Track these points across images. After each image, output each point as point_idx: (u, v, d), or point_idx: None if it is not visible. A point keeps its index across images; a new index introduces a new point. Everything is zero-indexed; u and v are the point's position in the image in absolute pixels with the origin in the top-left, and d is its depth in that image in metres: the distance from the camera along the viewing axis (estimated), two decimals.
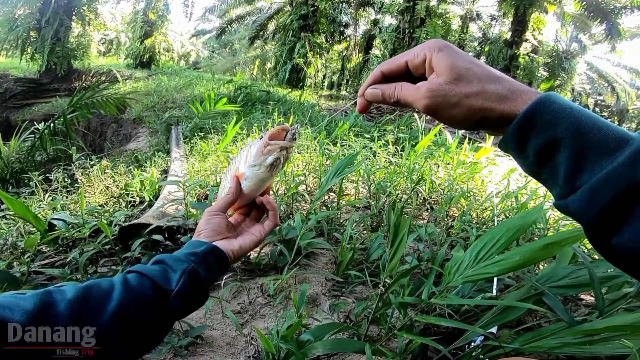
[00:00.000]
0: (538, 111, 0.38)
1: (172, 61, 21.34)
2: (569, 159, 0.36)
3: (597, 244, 0.38)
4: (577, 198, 0.36)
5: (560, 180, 0.38)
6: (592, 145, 0.36)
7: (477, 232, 1.77)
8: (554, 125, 0.37)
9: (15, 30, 12.01)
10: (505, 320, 1.12)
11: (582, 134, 0.36)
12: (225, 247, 0.68)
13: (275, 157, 0.66)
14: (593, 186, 0.35)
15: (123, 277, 0.57)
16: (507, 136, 0.40)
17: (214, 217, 0.71)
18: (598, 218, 0.35)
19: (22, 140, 4.40)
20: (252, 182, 0.70)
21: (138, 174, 2.73)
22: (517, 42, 13.16)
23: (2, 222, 2.36)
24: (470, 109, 0.41)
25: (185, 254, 0.64)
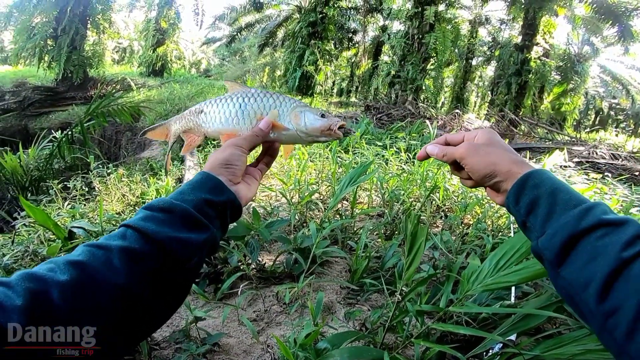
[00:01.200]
0: (530, 177, 0.56)
1: (183, 69, 21.69)
2: (545, 210, 0.53)
3: (552, 275, 0.51)
4: (544, 238, 0.52)
5: (538, 225, 0.53)
6: (560, 202, 0.52)
7: (493, 240, 1.76)
8: (538, 188, 0.55)
9: (33, 38, 12.28)
10: (524, 328, 1.12)
11: (555, 195, 0.53)
12: (244, 195, 0.63)
13: (326, 140, 0.73)
14: (554, 229, 0.50)
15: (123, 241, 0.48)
16: (511, 191, 0.58)
17: (243, 154, 0.65)
18: (555, 252, 0.50)
19: (40, 149, 4.52)
20: (286, 139, 0.73)
21: (154, 183, 2.78)
22: (528, 46, 13.05)
23: (23, 230, 2.42)
24: (488, 161, 0.61)
25: (201, 204, 0.55)
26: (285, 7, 17.90)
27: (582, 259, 0.47)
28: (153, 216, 0.52)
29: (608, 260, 0.45)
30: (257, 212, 1.72)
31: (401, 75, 12.74)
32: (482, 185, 0.65)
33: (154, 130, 0.87)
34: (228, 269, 1.71)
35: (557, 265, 0.50)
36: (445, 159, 0.66)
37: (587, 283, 0.46)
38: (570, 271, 0.48)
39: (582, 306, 0.48)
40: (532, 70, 13.09)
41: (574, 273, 0.48)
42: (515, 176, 0.58)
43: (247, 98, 0.74)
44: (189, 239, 0.51)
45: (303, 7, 15.94)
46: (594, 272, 0.45)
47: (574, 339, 0.99)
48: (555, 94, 15.88)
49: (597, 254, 0.46)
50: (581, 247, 0.48)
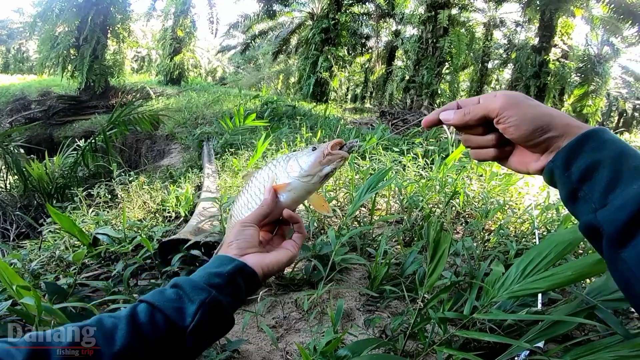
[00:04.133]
0: (591, 137, 0.47)
1: (200, 77, 22.07)
2: (607, 177, 0.44)
3: (609, 256, 0.44)
4: (607, 210, 0.43)
5: (596, 195, 0.44)
6: (628, 168, 0.44)
7: (517, 246, 1.72)
8: (599, 151, 0.46)
9: (56, 48, 12.65)
10: (552, 335, 1.09)
11: (622, 159, 0.44)
12: (258, 262, 0.62)
13: (332, 168, 0.67)
14: (623, 200, 0.42)
15: (131, 311, 0.51)
16: (560, 154, 0.48)
17: (247, 228, 0.65)
18: (620, 228, 0.41)
19: (65, 157, 4.66)
20: (297, 194, 0.69)
21: (174, 190, 2.83)
22: (546, 47, 12.82)
23: (49, 236, 2.50)
24: (542, 113, 0.50)
25: (208, 275, 0.57)
26: (298, 14, 18.09)
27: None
28: (162, 291, 0.54)
29: None
30: None
31: (416, 80, 12.66)
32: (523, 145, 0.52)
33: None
34: None
35: (618, 245, 0.42)
36: (468, 117, 0.54)
37: None
38: (635, 254, 0.40)
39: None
40: (551, 72, 12.84)
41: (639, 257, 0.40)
42: (573, 133, 0.48)
43: (252, 181, 0.74)
44: (186, 305, 0.52)
45: (315, 14, 16.08)
46: None
47: (606, 345, 0.95)
48: (576, 96, 15.50)
49: None
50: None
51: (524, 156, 0.53)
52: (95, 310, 1.39)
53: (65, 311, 1.31)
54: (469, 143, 0.58)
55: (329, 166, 0.67)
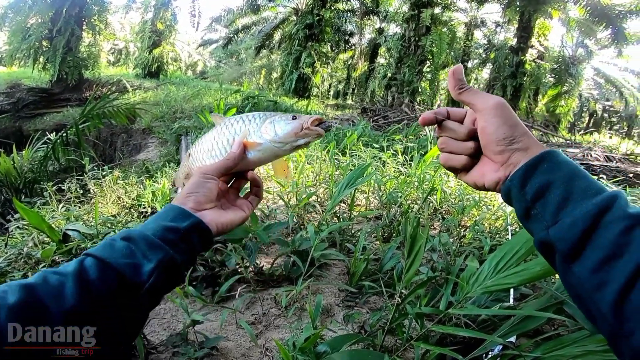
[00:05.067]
0: (545, 158, 0.50)
1: (179, 71, 21.61)
2: (559, 197, 0.47)
3: (561, 270, 0.46)
4: (558, 227, 0.46)
5: (548, 213, 0.47)
6: (578, 189, 0.47)
7: (490, 242, 1.76)
8: (553, 172, 0.49)
9: (28, 39, 12.23)
10: (524, 330, 1.12)
11: (573, 180, 0.48)
12: (214, 220, 0.60)
13: (306, 141, 0.68)
14: (574, 217, 0.45)
15: (78, 267, 0.48)
16: (517, 173, 0.51)
17: (208, 180, 0.63)
18: (571, 244, 0.44)
19: (34, 150, 4.47)
20: (264, 155, 0.68)
21: (150, 185, 2.76)
22: (523, 48, 13.16)
23: (17, 232, 2.39)
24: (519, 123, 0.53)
25: (163, 230, 0.54)
26: (282, 9, 17.95)
27: (600, 256, 0.42)
28: (112, 244, 0.52)
29: (630, 262, 0.40)
30: (255, 215, 1.71)
31: (397, 78, 12.79)
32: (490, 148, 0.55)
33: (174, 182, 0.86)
34: (226, 272, 1.70)
35: (570, 260, 0.45)
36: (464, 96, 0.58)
37: (602, 284, 0.42)
38: (583, 268, 0.43)
39: (592, 307, 0.44)
40: (527, 72, 13.21)
41: (588, 271, 0.43)
42: (532, 151, 0.51)
43: (221, 128, 0.72)
44: (141, 262, 0.51)
45: (300, 10, 15.99)
46: (612, 273, 0.41)
47: (574, 340, 0.99)
48: (550, 96, 16.00)
49: (618, 252, 0.41)
50: (600, 241, 0.43)
51: (484, 166, 0.56)
52: None
53: None
54: (444, 146, 0.60)
55: (304, 139, 0.67)
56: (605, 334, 0.43)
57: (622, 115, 23.97)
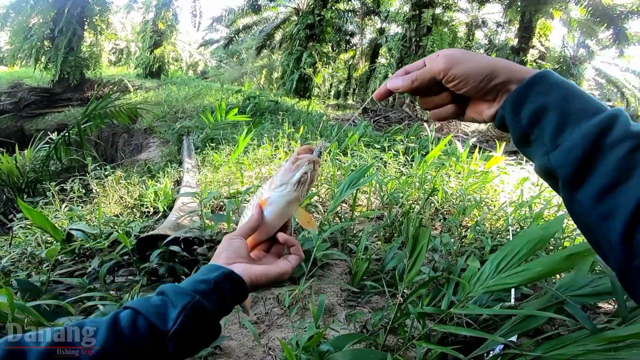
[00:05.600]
0: (537, 82, 0.46)
1: (180, 71, 21.63)
2: (555, 120, 0.44)
3: (566, 199, 0.44)
4: (558, 152, 0.43)
5: (546, 138, 0.44)
6: (575, 110, 0.44)
7: (492, 243, 1.77)
8: (546, 94, 0.46)
9: (30, 39, 12.24)
10: (525, 329, 1.12)
11: (569, 101, 0.44)
12: (245, 270, 0.60)
13: (303, 172, 0.66)
14: (572, 141, 0.42)
15: (113, 316, 0.51)
16: (508, 100, 0.48)
17: (234, 239, 0.66)
18: (572, 170, 0.42)
19: (37, 150, 4.48)
20: (277, 207, 0.68)
21: (152, 185, 2.77)
22: (524, 48, 13.14)
23: (20, 232, 2.40)
24: (484, 63, 0.49)
25: (194, 282, 0.56)
26: (283, 9, 17.95)
27: (606, 181, 0.39)
28: (148, 298, 0.55)
29: (637, 186, 0.37)
30: None
31: None
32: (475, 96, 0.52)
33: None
34: None
35: (573, 187, 0.42)
36: (416, 84, 0.53)
37: (611, 212, 0.38)
38: (588, 195, 0.40)
39: (600, 238, 0.40)
40: None
41: (594, 198, 0.40)
42: (518, 77, 0.48)
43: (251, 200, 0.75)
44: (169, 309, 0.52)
45: (301, 10, 15.99)
46: (619, 200, 0.38)
47: (575, 339, 0.99)
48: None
49: (624, 175, 0.38)
50: (604, 165, 0.40)
51: (478, 106, 0.53)
52: (70, 308, 1.35)
53: (38, 309, 1.27)
54: (426, 105, 0.57)
55: (299, 172, 0.66)
56: (615, 267, 0.40)
57: None
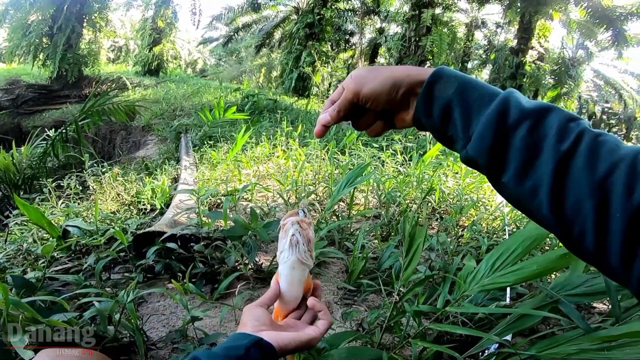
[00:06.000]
0: (435, 80, 0.48)
1: (179, 69, 21.56)
2: (460, 114, 0.46)
3: (495, 185, 0.46)
4: (472, 144, 0.45)
5: (460, 132, 0.46)
6: (473, 100, 0.45)
7: (488, 242, 1.77)
8: (446, 90, 0.47)
9: (28, 36, 12.19)
10: (520, 328, 1.13)
11: (467, 92, 0.46)
12: (273, 337, 0.61)
13: (291, 235, 0.69)
14: (479, 131, 0.44)
15: None
16: (418, 104, 0.50)
17: (255, 309, 0.67)
18: (488, 158, 0.43)
19: (34, 147, 4.46)
20: (285, 275, 0.71)
21: (149, 182, 2.76)
22: (523, 49, 13.16)
23: (16, 228, 2.39)
24: (385, 77, 0.51)
25: (226, 349, 0.57)
26: (283, 7, 17.92)
27: (520, 161, 0.41)
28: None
29: (548, 160, 0.39)
30: (255, 213, 1.72)
31: None
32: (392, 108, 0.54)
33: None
34: (225, 269, 1.71)
35: (496, 172, 0.44)
36: (342, 113, 0.56)
37: (535, 188, 0.40)
38: (511, 177, 0.42)
39: (536, 213, 0.42)
40: (526, 73, 13.20)
41: (517, 179, 0.42)
42: (420, 79, 0.50)
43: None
44: None
45: (300, 9, 15.96)
46: (538, 176, 0.40)
47: (569, 339, 1.00)
48: (549, 97, 16.00)
49: (533, 153, 0.41)
50: (514, 146, 0.42)
51: (399, 115, 0.55)
52: (65, 304, 1.34)
53: (33, 305, 1.26)
54: (358, 127, 0.60)
55: (287, 236, 0.69)
56: (558, 237, 0.42)
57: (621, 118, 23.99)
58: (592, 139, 0.40)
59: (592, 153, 0.38)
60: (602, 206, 0.36)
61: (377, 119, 0.58)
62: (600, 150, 0.39)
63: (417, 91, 0.50)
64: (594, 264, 0.39)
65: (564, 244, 0.42)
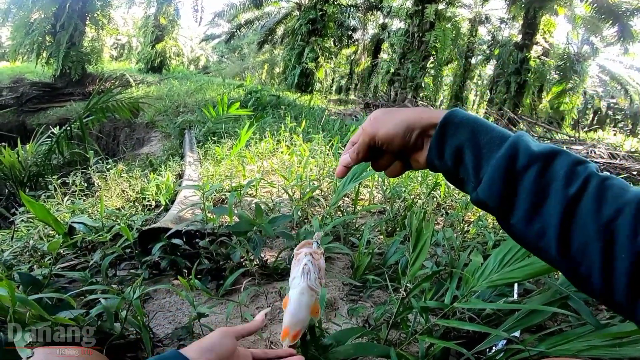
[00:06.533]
0: (447, 123, 0.50)
1: (182, 66, 21.59)
2: (472, 158, 0.47)
3: (504, 226, 0.47)
4: (482, 187, 0.46)
5: (471, 175, 0.48)
6: (484, 144, 0.47)
7: (495, 237, 1.76)
8: (457, 134, 0.49)
9: (31, 34, 12.29)
10: (528, 325, 1.12)
11: (477, 136, 0.47)
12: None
13: (303, 265, 0.74)
14: (489, 175, 0.45)
15: None
16: (431, 147, 0.52)
17: (224, 337, 0.68)
18: (498, 200, 0.45)
19: (38, 144, 4.49)
20: (294, 300, 0.74)
21: (154, 178, 2.77)
22: (528, 45, 13.08)
23: (22, 225, 2.40)
24: (399, 121, 0.54)
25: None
26: (285, 4, 17.89)
27: (529, 205, 0.43)
28: None
29: (556, 203, 0.41)
30: (260, 208, 1.72)
31: (401, 73, 12.74)
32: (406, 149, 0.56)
33: None
34: (230, 265, 1.70)
35: (505, 215, 0.46)
36: (361, 155, 0.59)
37: (542, 231, 0.42)
38: (519, 220, 0.44)
39: (544, 254, 0.44)
40: (531, 69, 13.13)
41: (525, 222, 0.43)
42: (434, 123, 0.52)
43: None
44: None
45: (303, 5, 15.91)
46: (545, 219, 0.42)
47: (578, 335, 0.99)
48: (554, 93, 15.91)
49: (541, 196, 0.42)
50: (522, 190, 0.43)
51: (414, 155, 0.57)
52: (72, 301, 1.35)
53: (40, 302, 1.26)
54: (377, 168, 0.62)
55: (300, 265, 0.75)
56: (566, 277, 0.44)
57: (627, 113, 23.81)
58: (599, 183, 0.41)
59: (598, 197, 0.40)
60: (608, 248, 0.38)
61: (395, 159, 0.60)
62: (607, 194, 0.40)
63: (430, 133, 0.52)
64: (600, 299, 0.41)
65: (571, 281, 0.44)
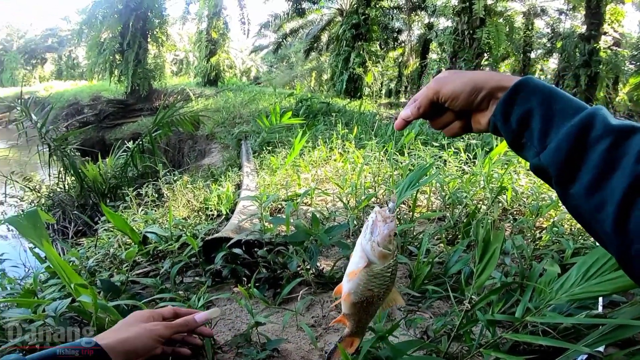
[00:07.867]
0: (520, 88, 0.51)
1: (235, 77, 22.59)
2: (540, 122, 0.48)
3: (561, 194, 0.47)
4: (546, 153, 0.46)
5: (535, 140, 0.48)
6: (557, 111, 0.47)
7: (574, 245, 1.61)
8: (529, 99, 0.49)
9: (103, 53, 13.49)
10: (614, 340, 1.01)
11: (550, 104, 0.48)
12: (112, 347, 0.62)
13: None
14: (557, 142, 0.45)
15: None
16: (497, 108, 0.52)
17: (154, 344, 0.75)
18: (561, 168, 0.45)
19: (116, 158, 4.96)
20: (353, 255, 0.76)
21: (215, 189, 2.91)
22: (595, 35, 11.99)
23: (104, 234, 2.65)
24: (467, 79, 0.55)
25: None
26: (327, 10, 18.04)
27: (593, 176, 0.42)
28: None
29: (623, 177, 0.39)
30: (317, 218, 1.74)
31: None
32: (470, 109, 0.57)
33: None
34: (287, 274, 1.73)
35: (565, 183, 0.45)
36: (422, 110, 0.60)
37: (602, 204, 0.41)
38: (580, 190, 0.43)
39: (597, 227, 0.43)
40: (602, 60, 11.99)
41: (585, 192, 0.43)
42: (504, 86, 0.52)
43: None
44: None
45: (344, 10, 15.97)
46: (608, 192, 0.40)
47: None
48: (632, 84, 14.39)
49: (609, 168, 0.41)
50: (591, 160, 0.42)
51: (476, 116, 0.58)
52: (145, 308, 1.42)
53: (118, 308, 1.36)
54: (435, 125, 0.63)
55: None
56: (614, 254, 0.42)
57: None
58: None
59: None
60: None
61: (456, 119, 0.61)
62: None
63: (497, 95, 0.53)
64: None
65: (618, 261, 0.42)
